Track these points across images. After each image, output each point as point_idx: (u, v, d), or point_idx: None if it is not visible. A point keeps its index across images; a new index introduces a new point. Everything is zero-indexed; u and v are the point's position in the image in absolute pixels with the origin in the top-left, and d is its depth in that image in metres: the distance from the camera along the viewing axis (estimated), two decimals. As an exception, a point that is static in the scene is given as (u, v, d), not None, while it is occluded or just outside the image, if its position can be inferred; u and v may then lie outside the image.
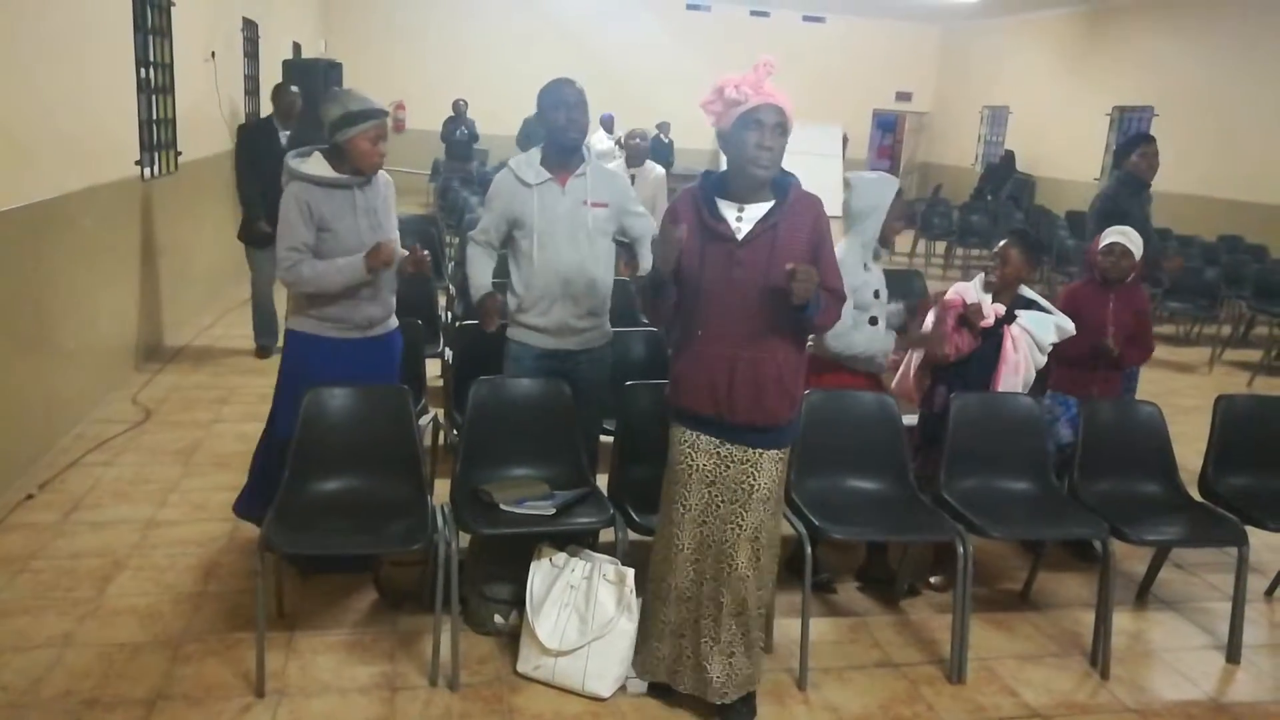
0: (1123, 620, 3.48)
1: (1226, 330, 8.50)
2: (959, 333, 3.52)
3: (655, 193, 6.22)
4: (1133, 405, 3.77)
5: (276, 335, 6.22)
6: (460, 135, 12.64)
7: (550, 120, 3.24)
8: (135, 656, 2.89)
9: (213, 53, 7.52)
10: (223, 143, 7.69)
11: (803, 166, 2.56)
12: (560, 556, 2.96)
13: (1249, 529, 3.29)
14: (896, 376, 3.75)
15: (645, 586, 2.79)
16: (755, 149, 2.44)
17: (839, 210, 3.38)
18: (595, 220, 3.31)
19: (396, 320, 3.49)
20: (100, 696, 2.70)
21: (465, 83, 14.35)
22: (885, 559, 3.67)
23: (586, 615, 2.82)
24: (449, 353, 4.53)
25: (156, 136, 6.33)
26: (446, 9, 15.93)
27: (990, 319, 3.51)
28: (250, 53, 9.19)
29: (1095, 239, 4.11)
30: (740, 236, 2.50)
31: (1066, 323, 3.62)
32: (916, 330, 3.61)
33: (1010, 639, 3.34)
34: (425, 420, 3.95)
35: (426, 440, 3.83)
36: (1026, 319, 3.56)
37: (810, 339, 2.73)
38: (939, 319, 3.60)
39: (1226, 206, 10.86)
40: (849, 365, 3.43)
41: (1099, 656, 3.17)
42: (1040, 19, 15.13)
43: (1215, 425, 3.70)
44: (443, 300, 6.14)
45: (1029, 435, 3.53)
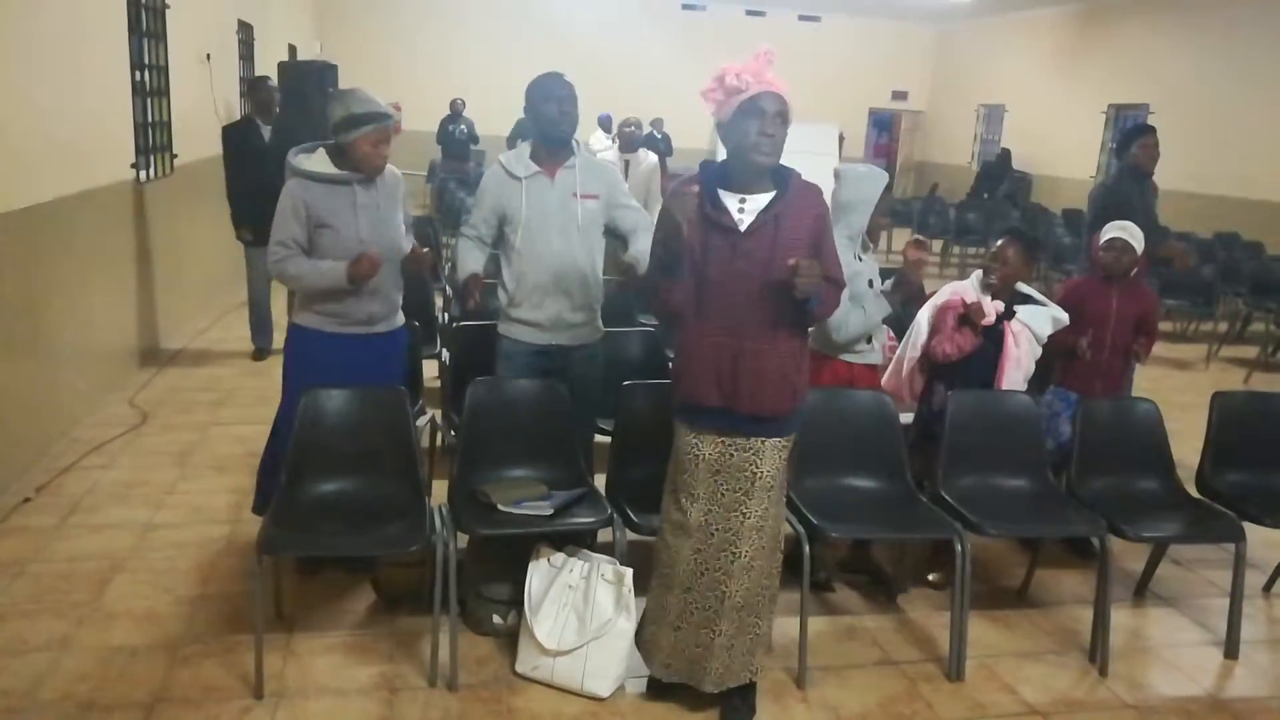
0: (1121, 617, 3.48)
1: (1223, 327, 8.51)
2: (960, 332, 3.52)
3: (649, 181, 6.29)
4: (1130, 402, 3.77)
5: (272, 337, 6.22)
6: (458, 135, 12.65)
7: (541, 113, 3.24)
8: (133, 659, 2.89)
9: (208, 55, 7.51)
10: (218, 145, 7.62)
11: (798, 165, 2.54)
12: (558, 557, 2.96)
13: (1246, 525, 3.29)
14: (887, 373, 3.75)
15: (649, 577, 2.78)
16: (757, 136, 2.43)
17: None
18: (586, 212, 3.30)
19: (403, 317, 3.47)
20: (98, 699, 2.69)
21: (461, 83, 14.34)
22: (868, 554, 3.65)
23: (585, 615, 2.82)
24: (446, 354, 4.53)
25: (152, 139, 6.33)
26: (442, 10, 15.93)
27: (991, 317, 3.52)
28: (245, 55, 9.19)
29: (1095, 235, 4.11)
30: (743, 227, 2.49)
31: (1061, 314, 3.63)
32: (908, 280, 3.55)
33: (1009, 636, 3.34)
34: (423, 421, 3.95)
35: (424, 441, 3.84)
36: (1024, 313, 3.57)
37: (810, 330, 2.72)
38: (939, 320, 3.60)
39: (1222, 203, 10.87)
40: (844, 353, 3.45)
41: (1097, 653, 3.17)
42: (1035, 17, 15.15)
43: (1212, 422, 3.71)
44: (440, 301, 6.14)
45: (1026, 433, 3.53)
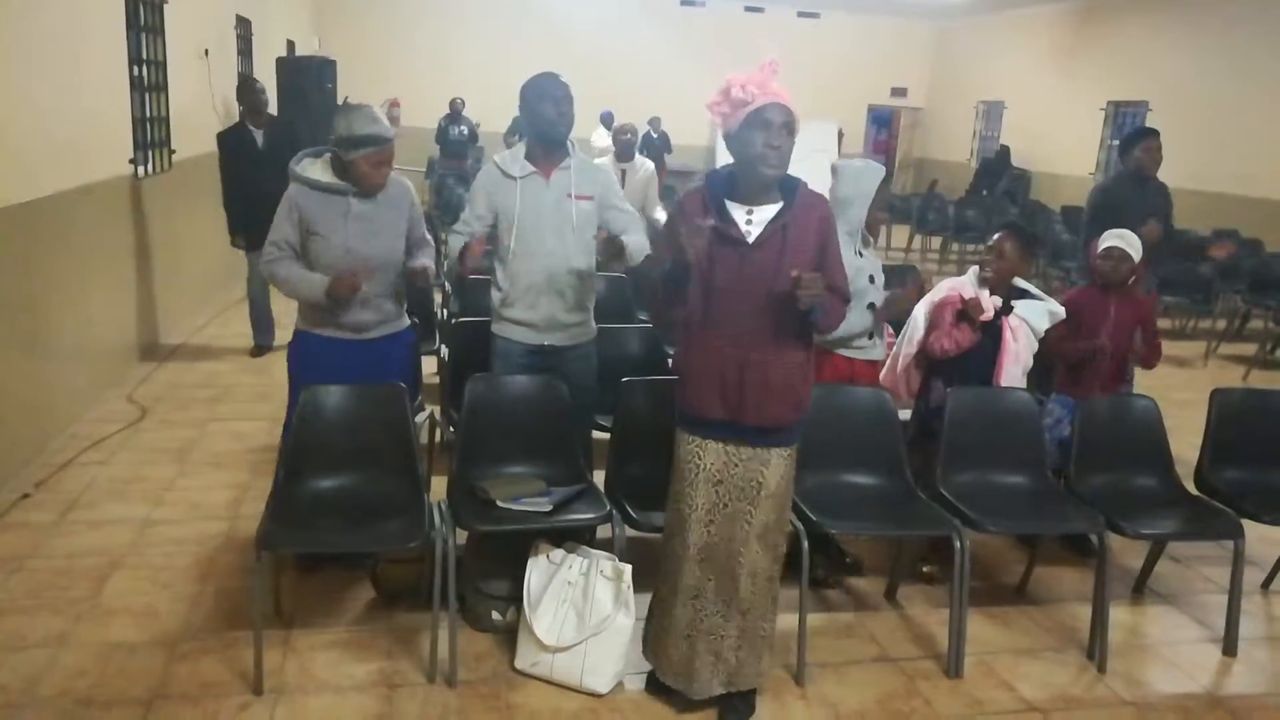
0: (1119, 614, 3.48)
1: (1222, 324, 8.51)
2: (958, 328, 3.52)
3: (646, 188, 6.20)
4: (1128, 400, 3.77)
5: (273, 334, 6.21)
6: (458, 134, 12.62)
7: (538, 114, 3.23)
8: (132, 655, 2.89)
9: (206, 50, 7.49)
10: (215, 141, 7.65)
11: (798, 163, 2.53)
12: (557, 553, 2.96)
13: (1245, 522, 3.29)
14: (884, 370, 3.75)
15: (648, 574, 2.77)
16: (763, 148, 2.42)
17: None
18: (580, 213, 3.30)
19: (402, 325, 3.45)
20: (97, 696, 2.69)
21: (459, 80, 14.30)
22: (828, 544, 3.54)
23: (584, 611, 2.82)
24: (445, 350, 4.52)
25: (150, 135, 6.32)
26: (440, 7, 15.89)
27: (989, 312, 3.52)
28: (244, 50, 9.16)
29: (1094, 242, 4.09)
30: (751, 239, 2.49)
31: (1058, 308, 3.64)
32: (900, 307, 3.59)
33: (1007, 633, 3.34)
34: (421, 418, 3.94)
35: (423, 437, 3.83)
36: (1021, 308, 3.57)
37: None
38: (937, 316, 3.60)
39: (1221, 200, 10.86)
40: (841, 347, 3.46)
41: (1096, 650, 3.18)
42: (1034, 14, 15.13)
43: (1211, 419, 3.71)
44: (439, 298, 6.14)
45: (1025, 430, 3.53)
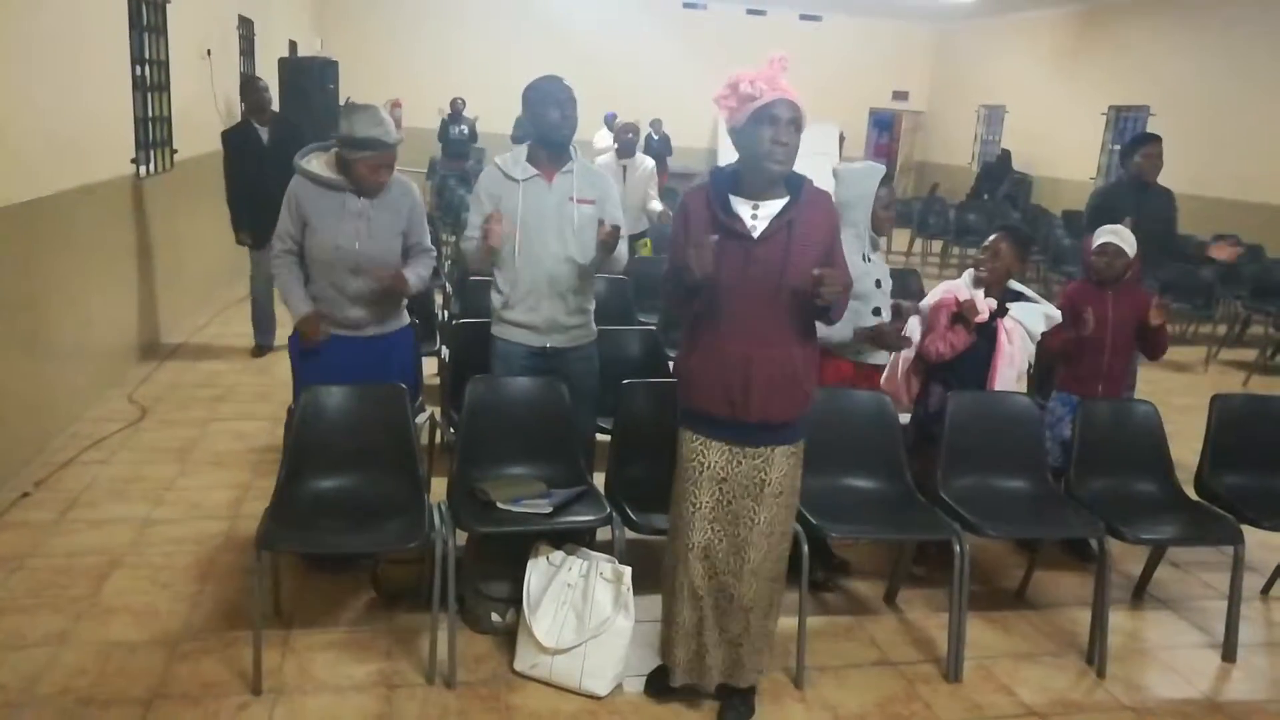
0: (1119, 619, 3.48)
1: (1222, 330, 8.52)
2: (953, 330, 3.52)
3: (646, 185, 6.43)
4: (1129, 404, 3.77)
5: (274, 334, 6.22)
6: (458, 134, 12.63)
7: (543, 117, 3.23)
8: (132, 655, 2.89)
9: (208, 50, 7.50)
10: (219, 141, 7.64)
11: (800, 166, 2.54)
12: (557, 555, 2.96)
13: (1244, 528, 3.30)
14: (884, 375, 3.75)
15: (648, 576, 2.77)
16: (770, 144, 2.41)
17: None
18: (582, 216, 3.30)
19: (402, 324, 3.46)
20: (96, 695, 2.69)
21: (461, 81, 14.32)
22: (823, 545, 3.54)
23: (583, 613, 2.82)
24: (445, 351, 4.52)
25: (152, 134, 6.32)
26: (441, 8, 15.91)
27: (984, 314, 3.52)
28: (246, 50, 9.17)
29: (1088, 239, 4.12)
30: (756, 234, 2.48)
31: (1054, 311, 3.64)
32: (893, 335, 3.38)
33: (1007, 638, 3.34)
34: (422, 419, 3.94)
35: (423, 438, 3.84)
36: (1017, 310, 3.58)
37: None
38: (933, 319, 3.60)
39: (1222, 205, 10.86)
40: (839, 352, 3.45)
41: (1095, 655, 3.18)
42: (1035, 18, 15.14)
43: (1211, 424, 3.71)
44: (440, 299, 6.14)
45: (1026, 434, 3.53)
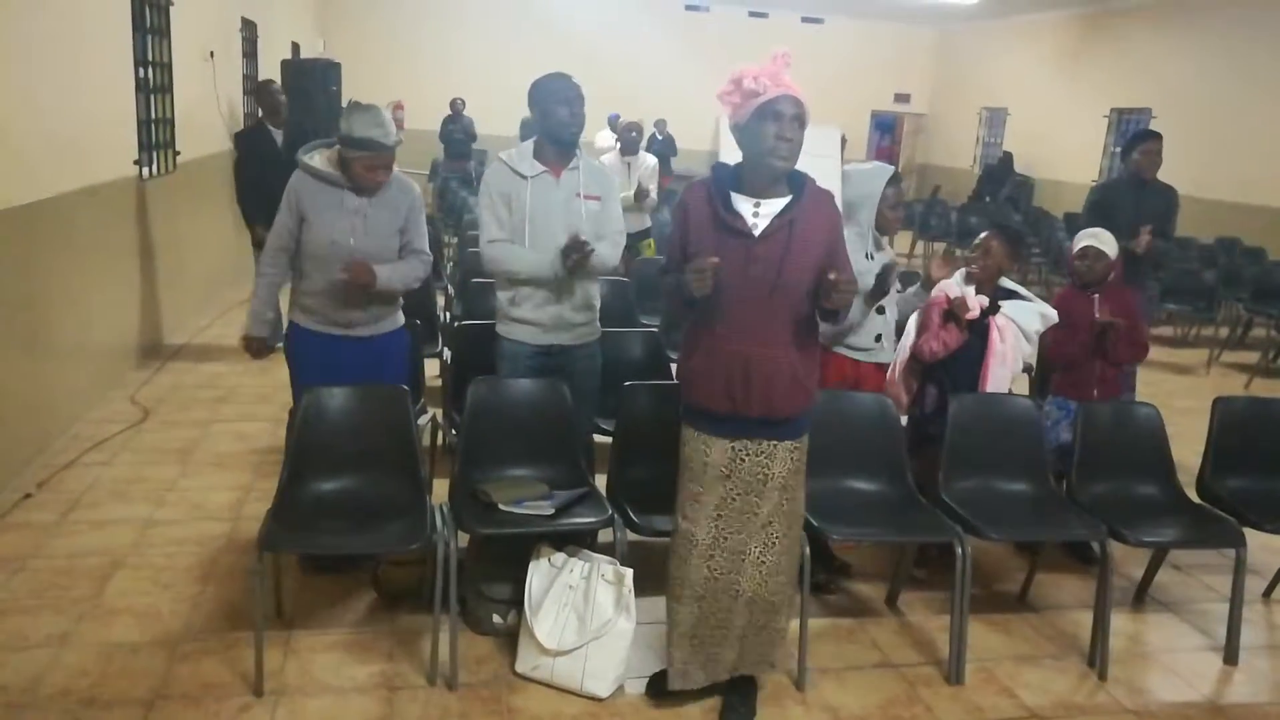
0: (1120, 621, 3.48)
1: (1224, 332, 8.51)
2: (946, 329, 3.52)
3: (648, 181, 6.50)
4: (1131, 407, 3.77)
5: (279, 335, 6.19)
6: (458, 134, 12.64)
7: (552, 115, 3.23)
8: (133, 656, 2.89)
9: (211, 52, 7.51)
10: (221, 142, 7.67)
11: (801, 167, 2.54)
12: (559, 556, 2.96)
13: (1246, 530, 3.29)
14: (886, 378, 3.75)
15: (649, 578, 2.76)
16: (774, 140, 2.41)
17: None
18: (589, 212, 3.31)
19: (397, 324, 3.46)
20: (98, 696, 2.69)
21: (463, 82, 14.32)
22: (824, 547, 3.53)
23: (585, 615, 2.82)
24: (447, 352, 4.53)
25: (155, 136, 6.33)
26: (444, 9, 15.91)
27: (975, 311, 3.52)
28: (249, 52, 9.18)
29: (1069, 245, 4.13)
30: (757, 232, 2.47)
31: (1050, 311, 3.64)
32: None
33: (1008, 640, 3.34)
34: (424, 420, 3.95)
35: (425, 440, 3.84)
36: (1010, 308, 3.57)
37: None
38: (925, 318, 3.60)
39: (1224, 208, 10.86)
40: (839, 345, 3.45)
41: (1097, 658, 3.17)
42: (1038, 20, 15.14)
43: (1213, 427, 3.70)
44: (441, 300, 6.14)
45: (1027, 437, 3.53)
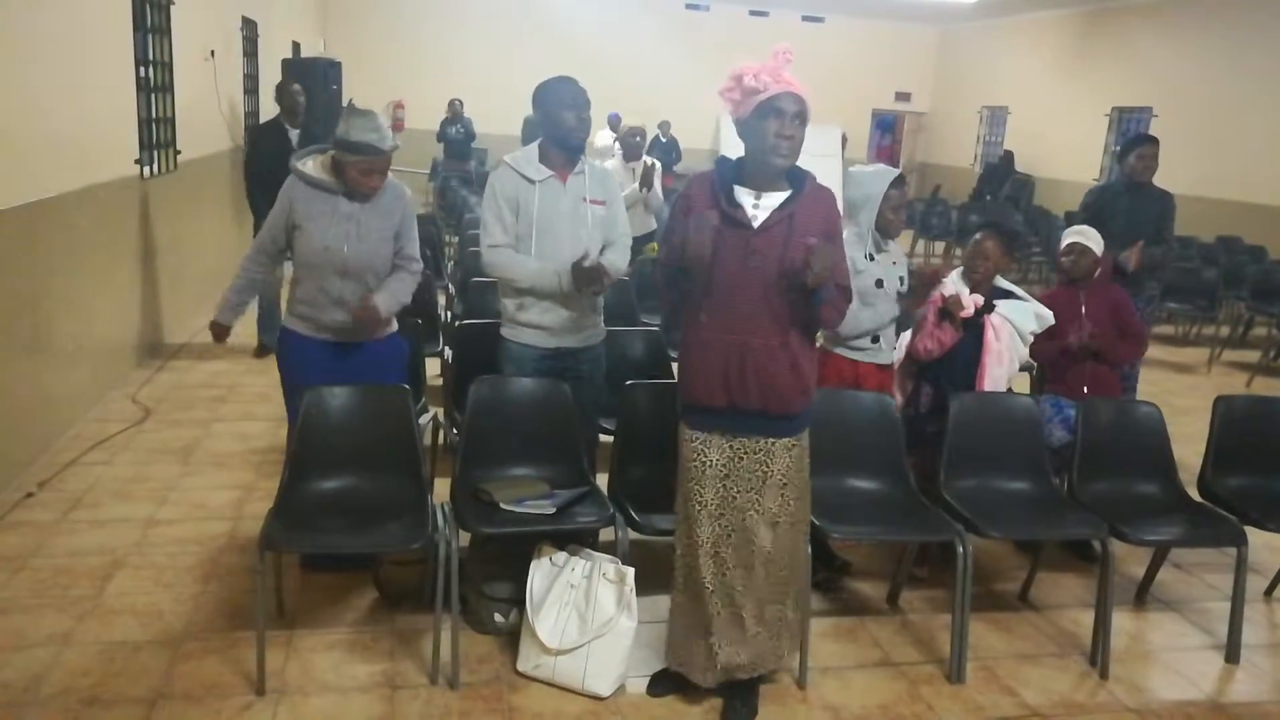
0: (1122, 620, 3.48)
1: (1225, 331, 8.51)
2: (940, 327, 3.52)
3: (651, 176, 6.39)
4: (1132, 405, 3.77)
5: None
6: (457, 134, 12.64)
7: (558, 120, 3.22)
8: (135, 655, 2.89)
9: (212, 51, 7.51)
10: (222, 141, 7.68)
11: (802, 165, 2.54)
12: (560, 556, 2.96)
13: (1248, 529, 3.29)
14: None
15: (650, 577, 2.76)
16: (775, 137, 2.42)
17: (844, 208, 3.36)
18: (594, 216, 3.31)
19: (389, 331, 3.45)
20: (100, 695, 2.70)
21: (463, 82, 14.33)
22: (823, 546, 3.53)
23: (586, 614, 2.82)
24: (449, 352, 4.53)
25: (156, 135, 6.33)
26: (445, 8, 15.91)
27: (970, 309, 3.52)
28: (250, 52, 9.18)
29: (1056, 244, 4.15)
30: (756, 224, 2.48)
31: (1045, 311, 3.64)
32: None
33: (1009, 639, 3.34)
34: (425, 419, 3.95)
35: (426, 439, 3.83)
36: (1005, 307, 3.58)
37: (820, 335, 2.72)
38: (920, 318, 3.60)
39: (1225, 207, 10.86)
40: (839, 345, 3.46)
41: (1098, 656, 3.17)
42: (1039, 19, 15.14)
43: (1214, 426, 3.70)
44: (442, 299, 6.14)
45: (1027, 435, 3.53)
